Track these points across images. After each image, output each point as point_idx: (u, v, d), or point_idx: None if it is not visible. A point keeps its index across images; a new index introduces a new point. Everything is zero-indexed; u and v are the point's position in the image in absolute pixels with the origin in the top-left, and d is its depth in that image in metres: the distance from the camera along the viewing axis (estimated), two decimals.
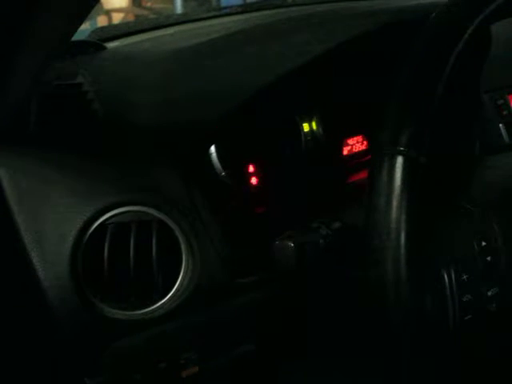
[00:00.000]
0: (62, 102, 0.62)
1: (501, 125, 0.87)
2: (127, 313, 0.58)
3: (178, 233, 0.59)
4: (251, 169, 0.72)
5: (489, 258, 0.56)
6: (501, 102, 0.89)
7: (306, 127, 0.75)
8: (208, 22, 0.98)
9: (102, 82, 0.65)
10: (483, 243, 0.56)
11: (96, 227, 0.55)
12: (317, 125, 0.76)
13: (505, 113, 0.88)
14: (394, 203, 0.46)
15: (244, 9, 1.05)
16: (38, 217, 0.55)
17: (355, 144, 0.82)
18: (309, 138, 0.75)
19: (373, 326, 0.51)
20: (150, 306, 0.59)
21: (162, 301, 0.59)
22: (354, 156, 0.82)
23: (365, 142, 0.83)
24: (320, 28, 0.74)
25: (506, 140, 0.87)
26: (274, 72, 0.65)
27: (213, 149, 0.68)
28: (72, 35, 0.46)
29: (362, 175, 0.79)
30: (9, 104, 0.52)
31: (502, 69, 0.89)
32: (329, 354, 0.77)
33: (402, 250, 0.46)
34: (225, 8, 1.14)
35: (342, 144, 0.81)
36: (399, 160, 0.47)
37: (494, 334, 0.57)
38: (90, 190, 0.57)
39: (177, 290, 0.59)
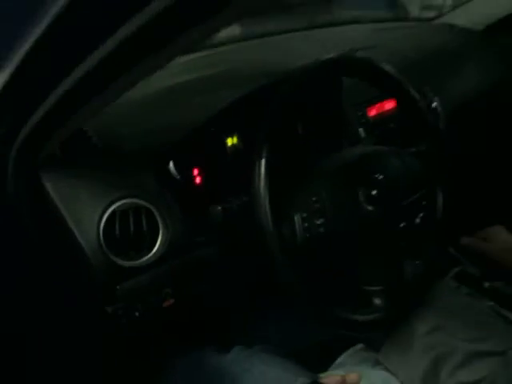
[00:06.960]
0: (70, 139, 0.84)
1: (360, 129, 1.15)
2: (129, 262, 0.81)
3: (156, 214, 0.84)
4: (196, 172, 0.91)
5: (318, 205, 0.79)
6: (360, 113, 1.17)
7: (229, 142, 0.93)
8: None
9: (97, 120, 0.76)
10: (314, 198, 0.81)
11: (109, 213, 0.81)
12: (237, 140, 0.94)
13: (363, 121, 1.17)
14: (261, 184, 0.72)
15: None
16: (74, 208, 0.80)
17: None
18: (232, 149, 0.94)
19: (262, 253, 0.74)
20: (142, 258, 0.82)
21: (149, 254, 0.82)
22: None
23: None
24: (228, 87, 1.00)
25: (363, 135, 1.15)
26: (205, 113, 0.90)
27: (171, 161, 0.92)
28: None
29: None
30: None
31: (362, 90, 1.11)
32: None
33: (267, 208, 0.72)
34: None
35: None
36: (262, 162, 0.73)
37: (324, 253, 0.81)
38: (102, 191, 0.81)
39: (158, 247, 0.83)
